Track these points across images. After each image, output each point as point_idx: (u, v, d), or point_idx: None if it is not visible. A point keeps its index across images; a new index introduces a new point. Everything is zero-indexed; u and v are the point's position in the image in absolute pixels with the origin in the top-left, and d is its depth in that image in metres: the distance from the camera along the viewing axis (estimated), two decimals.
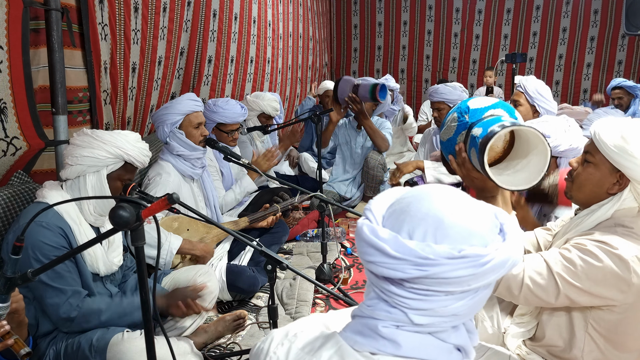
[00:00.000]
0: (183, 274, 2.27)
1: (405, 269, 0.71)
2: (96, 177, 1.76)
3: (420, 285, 0.72)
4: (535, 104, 2.81)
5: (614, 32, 7.93)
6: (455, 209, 0.75)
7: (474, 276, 0.71)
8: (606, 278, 1.30)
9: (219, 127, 3.09)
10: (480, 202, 0.81)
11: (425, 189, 0.80)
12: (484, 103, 1.54)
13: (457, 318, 0.75)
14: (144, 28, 3.10)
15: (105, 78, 2.76)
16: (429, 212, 0.74)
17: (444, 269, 0.70)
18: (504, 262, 0.73)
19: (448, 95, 3.35)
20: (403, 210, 0.76)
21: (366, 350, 0.75)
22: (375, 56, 9.03)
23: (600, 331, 1.39)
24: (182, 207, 1.59)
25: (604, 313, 1.37)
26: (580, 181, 1.48)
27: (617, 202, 1.40)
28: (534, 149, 1.46)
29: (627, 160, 1.34)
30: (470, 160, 1.49)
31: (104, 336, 1.68)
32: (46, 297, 1.65)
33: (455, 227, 0.73)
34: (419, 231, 0.73)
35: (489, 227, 0.76)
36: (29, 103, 2.16)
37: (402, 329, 0.74)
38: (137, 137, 1.86)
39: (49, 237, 1.64)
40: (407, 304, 0.73)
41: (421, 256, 0.70)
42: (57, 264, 1.27)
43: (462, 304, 0.74)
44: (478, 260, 0.70)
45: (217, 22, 4.15)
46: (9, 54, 2.05)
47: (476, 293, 0.75)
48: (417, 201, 0.77)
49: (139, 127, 3.32)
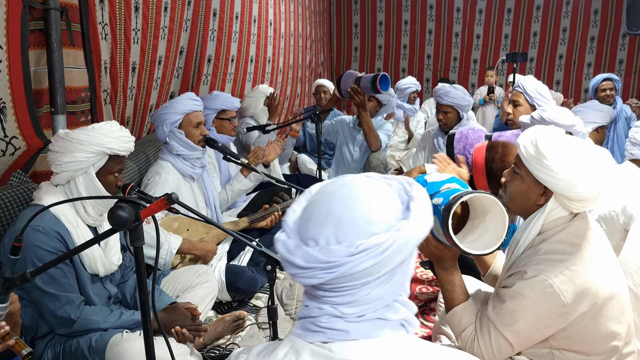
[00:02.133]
0: (182, 274, 2.26)
1: (317, 275, 0.75)
2: (86, 178, 1.73)
3: (336, 284, 0.76)
4: (535, 103, 2.83)
5: (614, 31, 7.93)
6: (354, 203, 0.77)
7: (379, 264, 0.74)
8: (538, 308, 1.33)
9: (220, 116, 3.10)
10: (384, 183, 0.83)
11: (327, 187, 0.82)
12: (440, 177, 1.63)
13: (384, 300, 0.79)
14: (144, 27, 3.09)
15: (106, 78, 2.76)
16: (329, 215, 0.77)
17: (349, 266, 0.73)
18: (406, 242, 0.75)
19: (459, 100, 3.28)
20: (307, 217, 0.79)
21: (318, 341, 0.79)
22: (376, 55, 9.05)
23: (565, 347, 1.40)
24: (182, 207, 1.58)
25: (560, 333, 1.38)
26: (511, 193, 1.50)
27: (543, 214, 1.41)
28: (489, 213, 1.50)
29: (546, 175, 1.35)
30: (431, 231, 1.51)
31: (103, 337, 1.67)
32: (42, 302, 1.64)
33: (354, 223, 0.75)
34: (322, 236, 0.76)
35: (391, 210, 0.78)
36: (28, 103, 2.16)
37: (339, 320, 0.78)
38: (113, 126, 1.79)
39: (44, 242, 1.61)
40: (333, 301, 0.78)
41: (325, 261, 0.74)
42: (57, 264, 1.26)
43: (382, 288, 0.77)
44: (377, 249, 0.73)
45: (218, 21, 4.14)
46: (8, 54, 2.04)
47: (392, 274, 0.78)
48: (317, 205, 0.80)
49: (139, 127, 3.31)
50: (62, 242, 1.65)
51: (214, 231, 2.59)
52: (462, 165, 2.36)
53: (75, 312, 1.65)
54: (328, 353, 0.77)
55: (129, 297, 1.92)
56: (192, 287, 2.23)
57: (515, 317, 1.36)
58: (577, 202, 1.37)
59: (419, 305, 2.58)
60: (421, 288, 2.76)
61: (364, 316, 0.78)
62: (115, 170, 1.80)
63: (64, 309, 1.64)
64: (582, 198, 1.35)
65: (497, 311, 1.40)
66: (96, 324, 1.69)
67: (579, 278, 1.32)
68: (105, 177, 1.78)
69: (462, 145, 2.52)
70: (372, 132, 3.77)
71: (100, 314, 1.71)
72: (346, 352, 0.77)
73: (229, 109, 3.12)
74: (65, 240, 1.66)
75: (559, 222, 1.41)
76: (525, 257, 1.42)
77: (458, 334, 1.51)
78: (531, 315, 1.34)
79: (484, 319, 1.44)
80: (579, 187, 1.32)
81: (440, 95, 3.33)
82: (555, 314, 1.33)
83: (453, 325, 1.53)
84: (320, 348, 0.78)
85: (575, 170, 1.32)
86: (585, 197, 1.35)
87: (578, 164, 1.33)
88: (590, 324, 1.36)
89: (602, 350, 1.39)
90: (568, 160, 1.33)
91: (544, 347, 1.41)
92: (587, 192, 1.33)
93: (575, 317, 1.34)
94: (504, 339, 1.38)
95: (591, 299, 1.33)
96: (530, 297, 1.33)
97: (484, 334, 1.41)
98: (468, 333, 1.46)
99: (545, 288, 1.32)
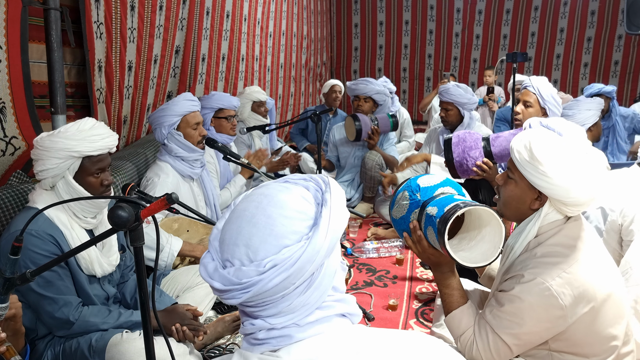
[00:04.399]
0: (182, 274, 2.26)
1: (236, 296, 0.76)
2: (65, 183, 1.67)
3: (256, 300, 0.76)
4: (547, 107, 2.74)
5: (610, 32, 8.10)
6: (261, 220, 0.77)
7: (291, 276, 0.74)
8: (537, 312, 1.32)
9: (218, 115, 3.10)
10: (301, 187, 0.82)
11: (239, 205, 0.82)
12: (433, 181, 1.61)
13: (311, 305, 0.78)
14: (140, 26, 3.09)
15: (99, 77, 2.75)
16: (239, 236, 0.77)
17: (262, 283, 0.73)
18: (317, 250, 0.75)
19: (459, 98, 3.29)
20: (222, 240, 0.80)
21: (266, 351, 0.79)
22: (377, 55, 9.12)
23: (564, 349, 1.40)
24: (182, 207, 1.57)
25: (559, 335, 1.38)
26: (505, 198, 1.49)
27: (538, 219, 1.40)
28: (486, 225, 1.49)
29: (541, 180, 1.34)
30: (427, 238, 1.52)
31: (103, 337, 1.67)
32: (40, 306, 1.63)
33: (263, 240, 0.76)
34: (236, 257, 0.77)
35: (302, 218, 0.78)
36: (27, 103, 2.16)
37: (274, 331, 0.78)
38: (82, 126, 1.67)
39: (39, 246, 1.59)
40: (261, 314, 0.78)
41: (238, 282, 0.75)
42: (56, 264, 1.26)
43: (303, 296, 0.77)
44: (286, 263, 0.73)
45: (210, 19, 4.14)
46: (7, 54, 2.04)
47: (311, 282, 0.77)
48: (229, 227, 0.80)
49: (136, 127, 3.31)
50: (56, 246, 1.63)
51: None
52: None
53: (73, 314, 1.65)
54: (276, 359, 0.78)
55: (129, 298, 1.92)
56: (192, 287, 2.23)
57: (513, 321, 1.36)
58: (572, 207, 1.37)
59: (419, 305, 2.58)
60: (421, 288, 2.76)
61: (296, 323, 0.78)
62: (94, 170, 1.70)
63: (62, 311, 1.63)
64: (577, 203, 1.35)
65: (495, 315, 1.40)
66: (95, 325, 1.68)
67: (576, 280, 1.32)
68: (86, 179, 1.70)
69: (460, 149, 2.52)
70: (386, 159, 3.90)
71: (99, 315, 1.71)
72: (294, 354, 0.77)
73: (226, 108, 3.11)
74: (59, 244, 1.64)
75: (553, 225, 1.41)
76: (522, 260, 1.41)
77: (457, 338, 1.50)
78: (529, 319, 1.34)
79: (482, 323, 1.44)
80: (574, 192, 1.32)
81: (441, 92, 3.38)
82: (553, 317, 1.33)
83: (452, 329, 1.53)
84: (269, 356, 0.78)
85: (570, 175, 1.32)
86: (580, 201, 1.34)
87: (573, 169, 1.32)
88: (590, 325, 1.35)
89: (601, 351, 1.39)
90: (563, 165, 1.33)
91: (543, 349, 1.41)
92: (582, 197, 1.33)
93: (575, 319, 1.33)
94: (502, 342, 1.38)
95: (589, 300, 1.33)
96: (528, 300, 1.33)
97: (483, 337, 1.41)
98: (467, 336, 1.46)
99: (543, 291, 1.31)
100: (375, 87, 3.98)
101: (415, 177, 1.67)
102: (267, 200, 0.79)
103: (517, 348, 1.39)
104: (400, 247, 3.20)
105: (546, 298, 1.31)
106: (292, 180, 0.84)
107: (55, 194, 1.70)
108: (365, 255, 3.18)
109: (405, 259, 3.12)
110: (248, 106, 3.80)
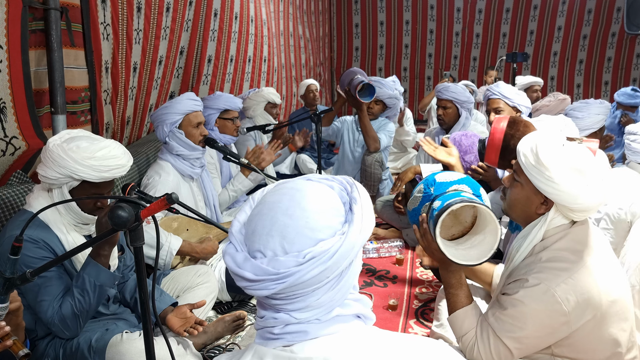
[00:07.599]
0: (182, 274, 2.26)
1: (269, 287, 0.76)
2: (60, 193, 1.65)
3: (288, 292, 0.77)
4: (516, 105, 2.94)
5: (604, 30, 8.29)
6: (297, 211, 0.78)
7: (328, 269, 0.75)
8: (539, 317, 1.32)
9: (223, 116, 3.11)
10: (325, 186, 0.83)
11: (269, 197, 0.82)
12: (450, 177, 1.61)
13: (336, 301, 0.80)
14: (146, 28, 3.10)
15: (106, 78, 2.76)
16: (273, 226, 0.78)
17: (298, 275, 0.74)
18: (352, 245, 0.77)
19: (458, 95, 3.29)
20: (253, 230, 0.80)
21: (279, 346, 0.80)
22: (378, 55, 9.17)
23: (566, 355, 1.39)
24: (182, 207, 1.57)
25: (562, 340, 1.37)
26: (511, 201, 1.47)
27: (544, 223, 1.38)
28: (488, 226, 1.49)
29: (547, 186, 1.32)
30: (431, 232, 1.52)
31: (103, 337, 1.67)
32: (40, 310, 1.62)
33: (299, 232, 0.76)
34: (269, 248, 0.77)
35: (334, 214, 0.79)
36: (28, 103, 2.16)
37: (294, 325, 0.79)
38: (93, 151, 1.61)
39: (32, 250, 1.59)
40: (286, 308, 0.79)
41: (274, 272, 0.75)
42: (56, 264, 1.26)
43: (332, 291, 0.79)
44: (324, 256, 0.75)
45: (218, 21, 4.15)
46: (8, 54, 2.04)
47: (340, 278, 0.79)
48: (261, 217, 0.80)
49: (138, 127, 3.32)
50: (50, 250, 1.62)
51: (213, 231, 2.58)
52: (449, 145, 2.38)
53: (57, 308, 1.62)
54: (290, 355, 0.79)
55: (129, 297, 1.92)
56: (193, 287, 2.23)
57: (515, 325, 1.35)
58: (579, 212, 1.34)
59: (419, 305, 2.58)
60: (421, 288, 2.76)
61: (318, 318, 0.79)
62: (92, 193, 1.67)
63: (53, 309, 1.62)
64: (584, 209, 1.32)
65: (498, 317, 1.39)
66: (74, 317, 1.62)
67: (582, 287, 1.30)
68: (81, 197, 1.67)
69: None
70: (369, 132, 3.75)
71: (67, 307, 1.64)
72: (307, 351, 0.78)
73: (231, 109, 3.13)
74: (53, 248, 1.63)
75: (559, 229, 1.39)
76: (526, 264, 1.40)
77: (459, 338, 1.50)
78: (532, 323, 1.33)
79: (484, 325, 1.43)
80: (581, 198, 1.29)
81: (440, 90, 3.37)
82: (556, 323, 1.31)
83: (455, 329, 1.52)
84: (282, 351, 0.79)
85: (578, 182, 1.29)
86: (588, 207, 1.32)
87: (580, 175, 1.30)
88: (593, 332, 1.34)
89: (605, 358, 1.38)
90: (570, 172, 1.30)
91: (545, 354, 1.40)
92: (589, 203, 1.31)
93: (578, 326, 1.32)
94: (503, 345, 1.37)
95: (594, 307, 1.31)
96: (531, 305, 1.32)
97: (484, 339, 1.41)
98: (469, 337, 1.46)
99: (547, 297, 1.30)
100: (387, 91, 3.91)
101: (435, 172, 1.67)
102: (300, 194, 0.80)
103: (518, 352, 1.38)
104: (400, 247, 3.20)
105: (550, 304, 1.30)
106: (315, 179, 0.85)
107: (51, 198, 1.68)
108: (365, 255, 3.18)
109: (405, 259, 3.12)
110: (262, 105, 3.83)
